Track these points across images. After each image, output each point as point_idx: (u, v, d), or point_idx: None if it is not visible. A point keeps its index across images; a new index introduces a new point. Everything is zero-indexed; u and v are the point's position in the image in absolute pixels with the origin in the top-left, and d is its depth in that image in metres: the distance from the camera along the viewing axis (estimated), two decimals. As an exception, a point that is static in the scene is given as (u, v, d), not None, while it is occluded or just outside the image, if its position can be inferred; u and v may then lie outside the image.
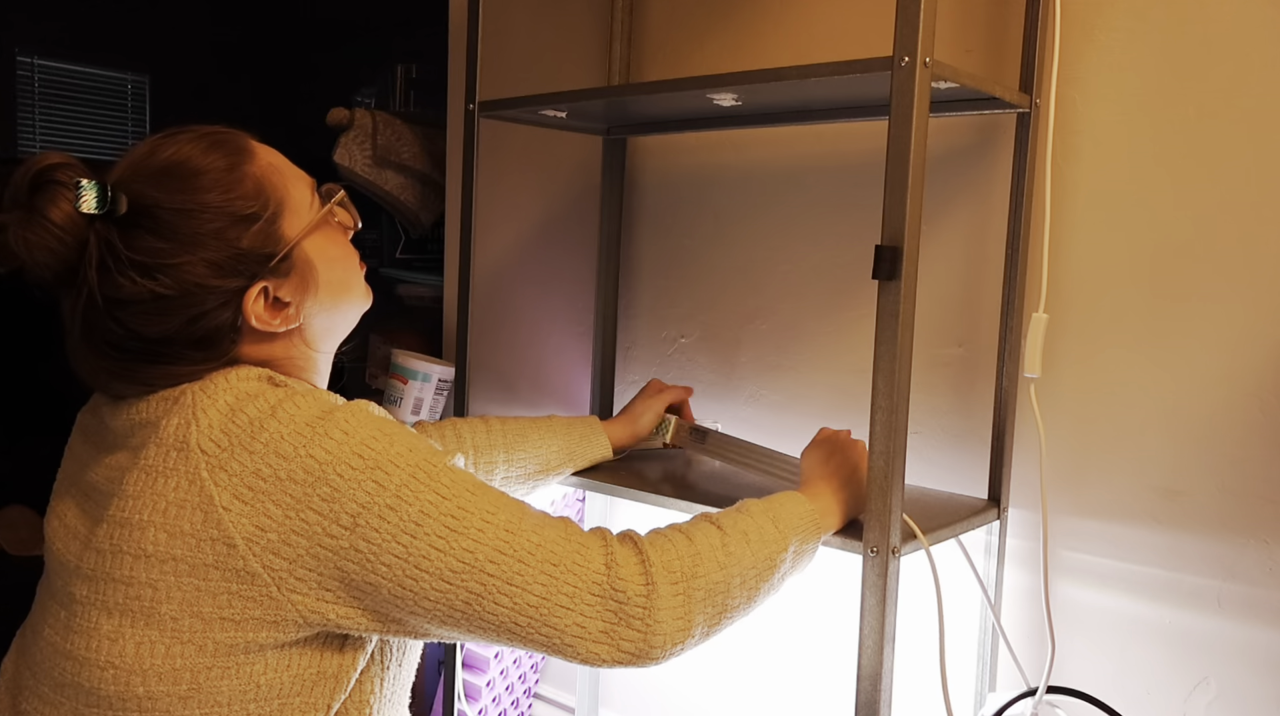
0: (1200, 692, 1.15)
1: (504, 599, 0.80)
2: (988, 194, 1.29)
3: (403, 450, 0.81)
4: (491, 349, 1.89)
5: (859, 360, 1.42)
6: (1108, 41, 1.19)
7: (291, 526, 0.78)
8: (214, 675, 0.79)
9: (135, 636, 0.78)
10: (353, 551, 0.78)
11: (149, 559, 0.78)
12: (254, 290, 0.87)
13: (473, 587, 0.80)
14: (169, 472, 0.79)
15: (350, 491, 0.78)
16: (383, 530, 0.79)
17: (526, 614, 0.81)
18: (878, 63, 0.97)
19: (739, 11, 1.51)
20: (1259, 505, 1.11)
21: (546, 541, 0.83)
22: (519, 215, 1.84)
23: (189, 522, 0.78)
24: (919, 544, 1.04)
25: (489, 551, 0.81)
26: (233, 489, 0.78)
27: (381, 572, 0.79)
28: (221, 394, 0.82)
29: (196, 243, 0.84)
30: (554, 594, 0.81)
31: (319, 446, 0.79)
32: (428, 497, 0.80)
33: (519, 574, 0.81)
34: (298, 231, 0.90)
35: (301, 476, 0.78)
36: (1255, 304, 1.10)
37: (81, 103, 4.13)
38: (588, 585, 0.82)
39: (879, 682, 0.97)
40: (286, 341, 0.92)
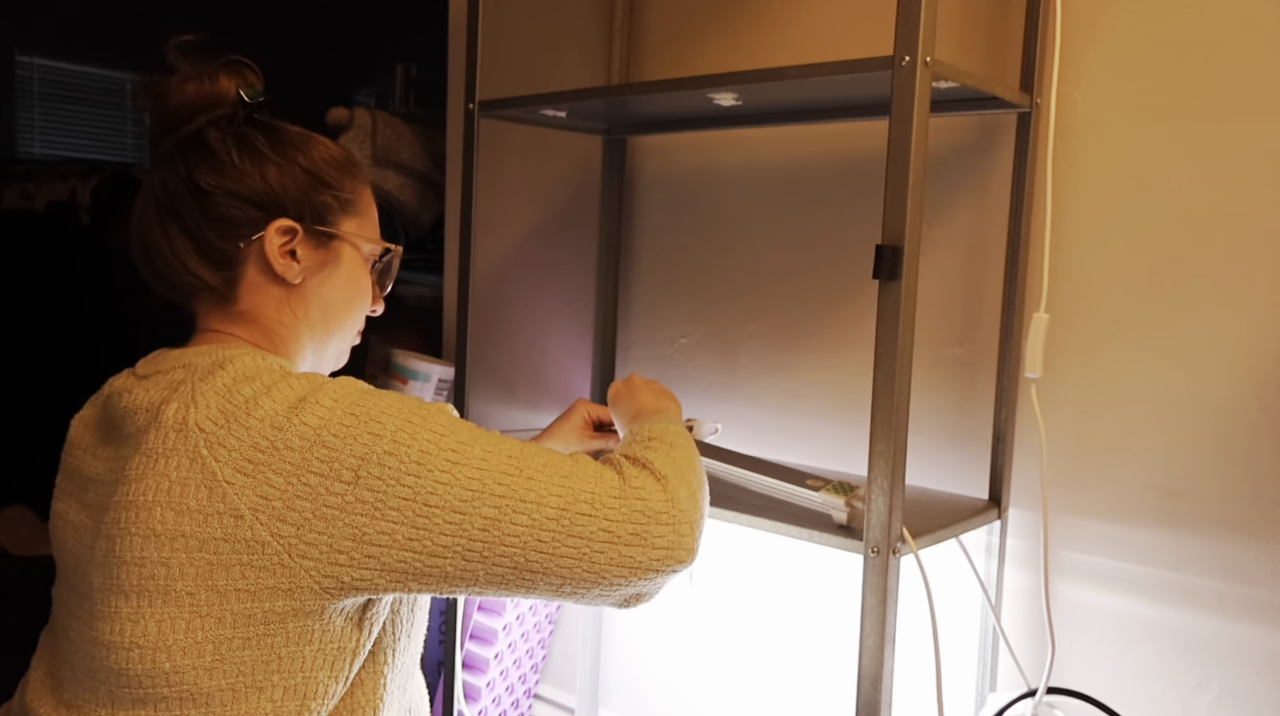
0: (1201, 693, 1.15)
1: (521, 516, 0.80)
2: (988, 194, 1.29)
3: (392, 401, 0.84)
4: (491, 349, 1.89)
5: (859, 360, 1.42)
6: (1108, 41, 1.19)
7: (294, 491, 0.79)
8: (235, 646, 0.80)
9: (155, 615, 0.80)
10: (359, 504, 0.79)
11: (158, 538, 0.80)
12: (287, 222, 0.93)
13: (487, 512, 0.80)
14: (169, 453, 0.81)
15: (347, 446, 0.80)
16: (385, 476, 0.80)
17: (548, 527, 0.80)
18: (878, 62, 0.97)
19: (739, 11, 1.51)
20: (1260, 505, 1.11)
21: (553, 461, 0.84)
22: (519, 215, 1.84)
23: (194, 499, 0.79)
24: (921, 543, 1.04)
25: (496, 475, 0.81)
26: (233, 463, 0.80)
27: (392, 517, 0.80)
28: (218, 378, 0.85)
29: (289, 161, 0.95)
30: (573, 502, 0.81)
31: (310, 413, 0.81)
32: (425, 437, 0.82)
33: (531, 489, 0.81)
34: (351, 233, 0.99)
35: (298, 443, 0.80)
36: (1256, 304, 1.10)
37: (81, 103, 4.13)
38: (606, 489, 0.83)
39: (879, 683, 0.97)
40: (284, 305, 0.96)
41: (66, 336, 2.84)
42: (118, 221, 0.98)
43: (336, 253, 0.98)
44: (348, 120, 1.95)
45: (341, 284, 0.99)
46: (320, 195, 0.96)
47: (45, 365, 2.85)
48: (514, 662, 1.73)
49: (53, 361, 2.84)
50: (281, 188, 0.94)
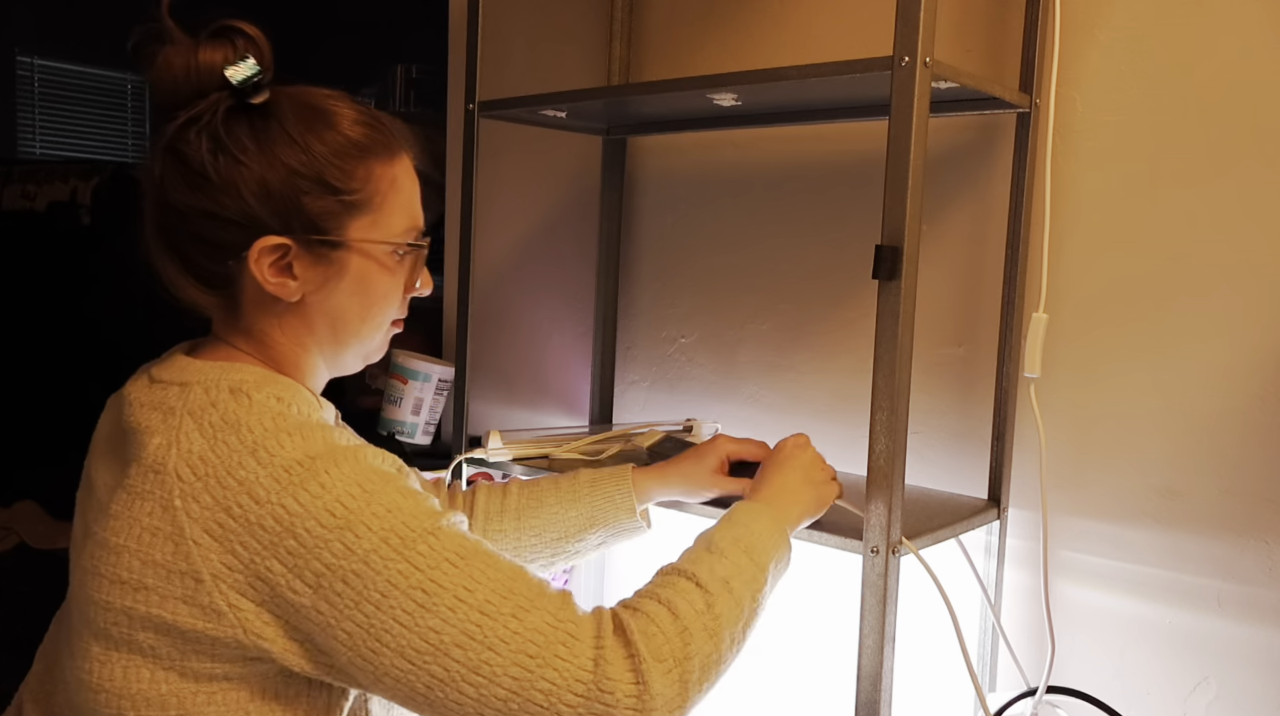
0: (1200, 692, 1.15)
1: (469, 688, 0.74)
2: (988, 194, 1.29)
3: (380, 510, 0.76)
4: (491, 349, 1.89)
5: (859, 360, 1.42)
6: (1108, 41, 1.19)
7: (256, 571, 0.75)
8: (199, 701, 0.77)
9: (121, 661, 0.77)
10: (314, 611, 0.75)
11: (124, 586, 0.76)
12: (275, 240, 0.83)
13: (436, 672, 0.74)
14: (146, 495, 0.77)
15: (316, 550, 0.74)
16: (345, 596, 0.74)
17: (494, 706, 0.74)
18: (878, 62, 0.97)
19: (739, 11, 1.51)
20: (1259, 505, 1.11)
21: (527, 628, 0.76)
22: (519, 215, 1.84)
23: (160, 552, 0.76)
24: (920, 542, 1.04)
25: (456, 634, 0.74)
26: (203, 522, 0.75)
27: (341, 640, 0.75)
28: (208, 417, 0.79)
29: (273, 163, 0.83)
30: (527, 689, 0.74)
31: (291, 497, 0.75)
32: (398, 567, 0.75)
33: (487, 663, 0.74)
34: (360, 238, 0.87)
35: (271, 524, 0.75)
36: (1256, 304, 1.10)
37: (81, 103, 4.13)
38: (569, 683, 0.75)
39: (879, 682, 0.97)
40: (287, 321, 0.88)
41: (66, 336, 2.84)
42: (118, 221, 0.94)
43: (341, 262, 0.87)
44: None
45: (351, 294, 0.88)
46: (316, 200, 0.84)
47: (45, 365, 2.85)
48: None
49: (52, 361, 2.84)
50: (264, 200, 0.83)
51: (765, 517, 0.95)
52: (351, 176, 0.86)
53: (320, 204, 0.84)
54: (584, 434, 1.52)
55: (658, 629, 0.80)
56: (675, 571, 0.88)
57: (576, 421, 1.76)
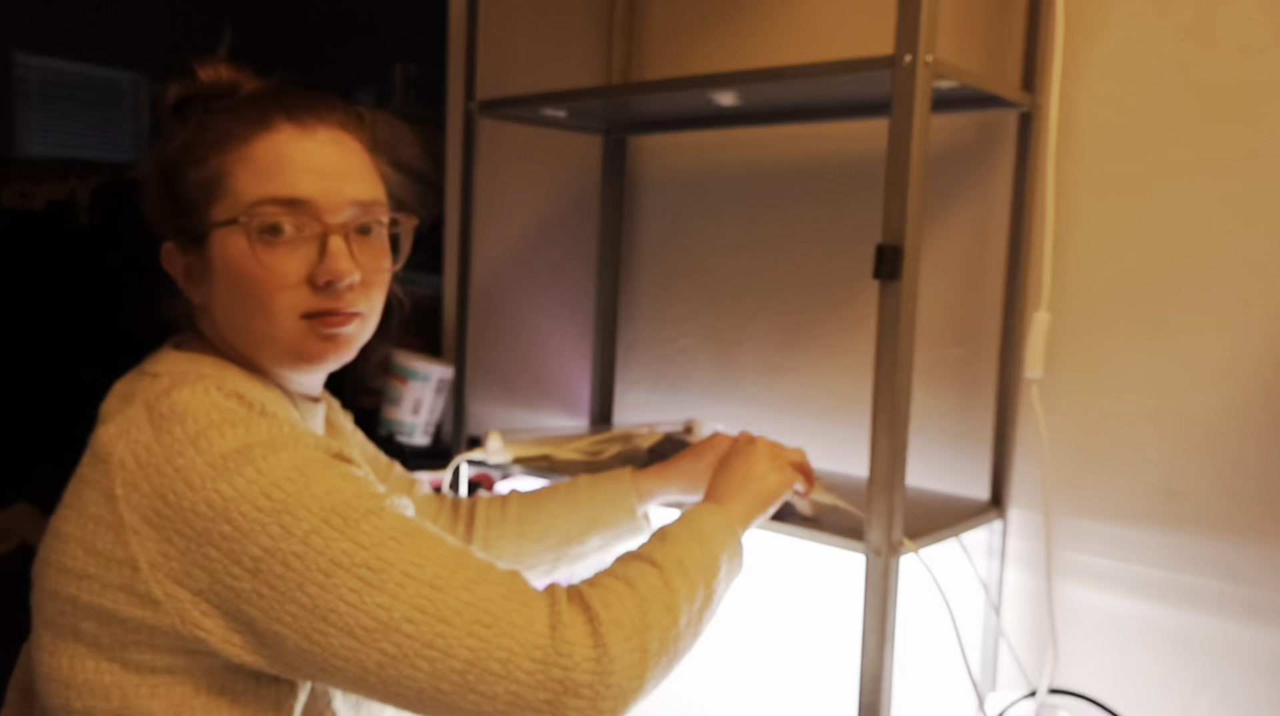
0: (1202, 694, 1.15)
1: (422, 662, 0.73)
2: (989, 193, 1.29)
3: (319, 492, 0.75)
4: (491, 349, 1.89)
5: (860, 360, 1.41)
6: (1110, 40, 1.18)
7: (193, 559, 0.73)
8: (142, 693, 0.76)
9: (67, 650, 0.76)
10: (255, 596, 0.73)
11: (68, 573, 0.76)
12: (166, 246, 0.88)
13: (386, 649, 0.72)
14: (92, 483, 0.77)
15: (253, 533, 0.73)
16: (287, 577, 0.72)
17: (449, 679, 0.73)
18: (879, 61, 0.97)
19: (739, 11, 1.51)
20: (1261, 506, 1.11)
21: (480, 599, 0.75)
22: (519, 215, 1.83)
23: (102, 541, 0.75)
24: (922, 543, 1.04)
25: (406, 609, 0.73)
26: (141, 511, 0.74)
27: (286, 622, 0.73)
28: (162, 403, 0.78)
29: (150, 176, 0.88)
30: (483, 659, 0.73)
31: (226, 482, 0.74)
32: (340, 546, 0.73)
33: (441, 636, 0.73)
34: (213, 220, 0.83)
35: (204, 510, 0.73)
36: (1257, 303, 1.10)
37: (81, 103, 4.13)
38: (526, 649, 0.74)
39: (880, 683, 0.97)
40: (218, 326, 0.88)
41: (64, 336, 2.84)
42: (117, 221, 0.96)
43: (208, 254, 0.84)
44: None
45: (221, 284, 0.84)
46: (180, 194, 0.84)
47: (42, 365, 2.85)
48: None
49: (50, 361, 2.84)
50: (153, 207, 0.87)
51: (715, 514, 0.94)
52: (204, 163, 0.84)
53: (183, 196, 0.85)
54: (584, 434, 1.52)
55: (616, 599, 0.79)
56: (630, 556, 0.88)
57: (576, 422, 1.76)
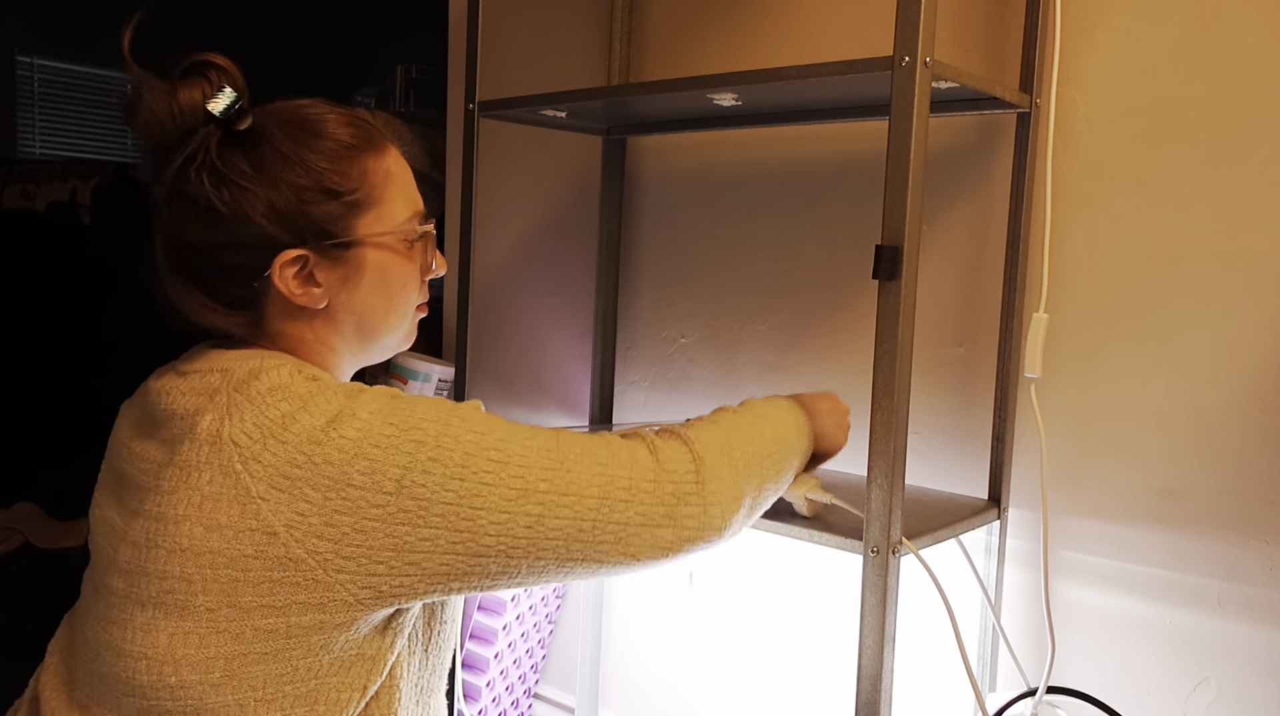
0: (1200, 693, 1.15)
1: (564, 510, 0.82)
2: (988, 194, 1.29)
3: (428, 408, 0.84)
4: (491, 349, 1.89)
5: (859, 360, 1.42)
6: (1108, 41, 1.19)
7: (333, 507, 0.78)
8: (250, 660, 0.79)
9: (169, 627, 0.79)
10: (402, 513, 0.79)
11: (184, 553, 0.79)
12: (293, 253, 0.88)
13: (530, 510, 0.81)
14: (202, 467, 0.80)
15: (390, 457, 0.79)
16: (429, 483, 0.79)
17: (588, 517, 0.82)
18: (878, 62, 0.97)
19: (739, 11, 1.51)
20: (1259, 505, 1.11)
21: (589, 449, 0.85)
22: (519, 215, 1.84)
23: (225, 515, 0.78)
24: (920, 543, 1.04)
25: (537, 471, 0.82)
26: (268, 479, 0.78)
27: (435, 524, 0.79)
28: (253, 386, 0.83)
29: (274, 183, 0.87)
30: (611, 490, 0.83)
31: (349, 426, 0.80)
32: (467, 438, 0.82)
33: (572, 482, 0.83)
34: (369, 233, 0.91)
35: (336, 457, 0.79)
36: (1255, 303, 1.10)
37: (81, 103, 4.13)
38: (641, 473, 0.85)
39: (879, 682, 0.97)
40: (316, 326, 0.93)
41: (66, 336, 2.84)
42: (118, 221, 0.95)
43: (358, 259, 0.91)
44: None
45: (373, 288, 0.93)
46: (323, 207, 0.88)
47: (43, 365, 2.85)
48: (514, 662, 1.73)
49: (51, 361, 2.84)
50: (274, 219, 0.87)
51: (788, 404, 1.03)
52: (348, 177, 0.89)
53: (325, 209, 0.88)
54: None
55: (703, 430, 0.91)
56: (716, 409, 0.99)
57: (576, 421, 1.76)
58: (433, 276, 0.99)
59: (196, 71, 0.87)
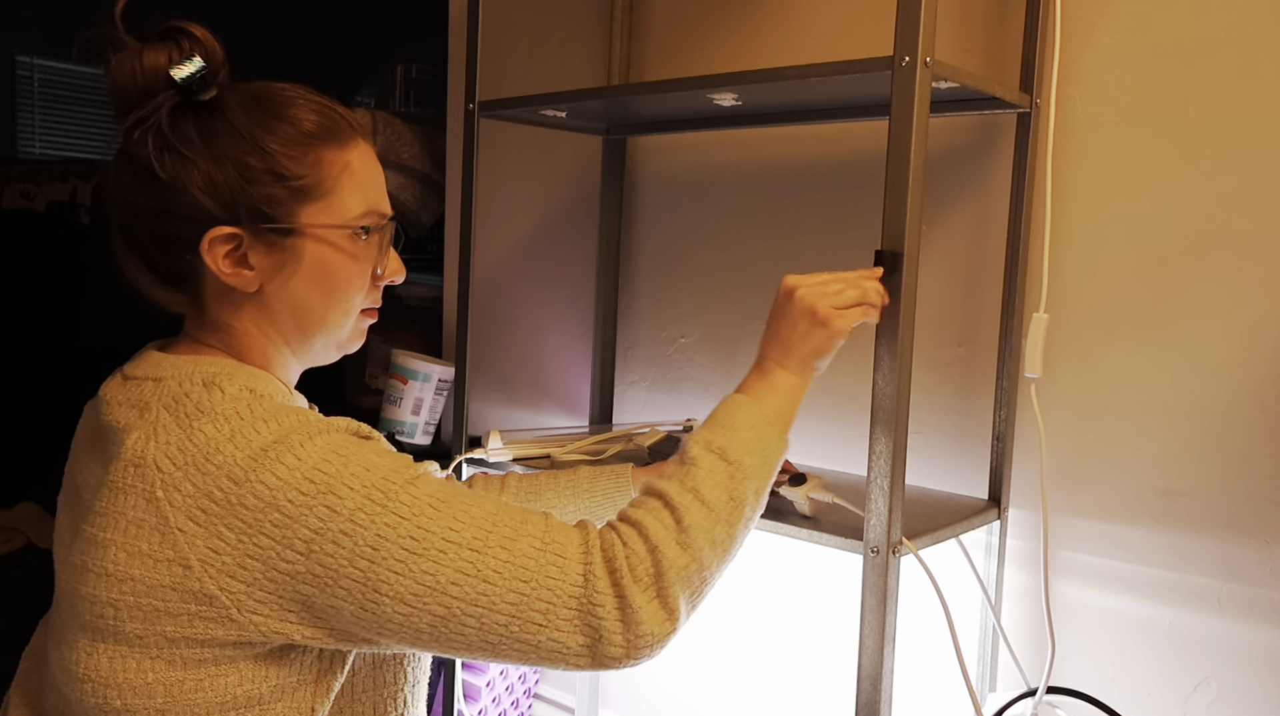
0: (1201, 693, 1.15)
1: (470, 621, 0.78)
2: (988, 194, 1.29)
3: (357, 471, 0.79)
4: (491, 349, 1.89)
5: (859, 360, 1.42)
6: (1108, 42, 1.19)
7: (245, 551, 0.76)
8: (187, 687, 0.78)
9: (108, 651, 0.78)
10: (309, 576, 0.77)
11: (109, 577, 0.78)
12: (225, 230, 0.84)
13: (435, 611, 0.77)
14: (129, 490, 0.78)
15: (302, 517, 0.76)
16: (338, 555, 0.76)
17: (497, 633, 0.78)
18: (878, 62, 0.97)
19: (739, 11, 1.51)
20: (1260, 505, 1.11)
21: (517, 556, 0.79)
22: (519, 215, 1.84)
23: (146, 543, 0.77)
24: (920, 543, 1.04)
25: (450, 573, 0.78)
26: (187, 510, 0.77)
27: (341, 596, 0.77)
28: (182, 407, 0.81)
29: (219, 158, 0.84)
30: (525, 611, 0.78)
31: (269, 472, 0.77)
32: (384, 520, 0.77)
33: (484, 595, 0.78)
34: (312, 223, 0.88)
35: (252, 502, 0.76)
36: (1255, 303, 1.10)
37: (81, 103, 4.13)
38: (563, 600, 0.79)
39: (879, 682, 0.97)
40: (252, 314, 0.89)
41: (65, 336, 2.84)
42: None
43: (296, 248, 0.87)
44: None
45: (310, 282, 0.89)
46: (265, 188, 0.85)
47: (44, 365, 2.85)
48: (514, 662, 1.73)
49: (51, 361, 2.84)
50: (211, 193, 0.84)
51: (746, 411, 0.93)
52: (299, 163, 0.86)
53: (268, 192, 0.85)
54: (584, 434, 1.52)
55: (630, 550, 0.82)
56: (648, 491, 0.89)
57: (576, 421, 1.76)
58: (387, 282, 0.95)
59: (168, 36, 0.85)
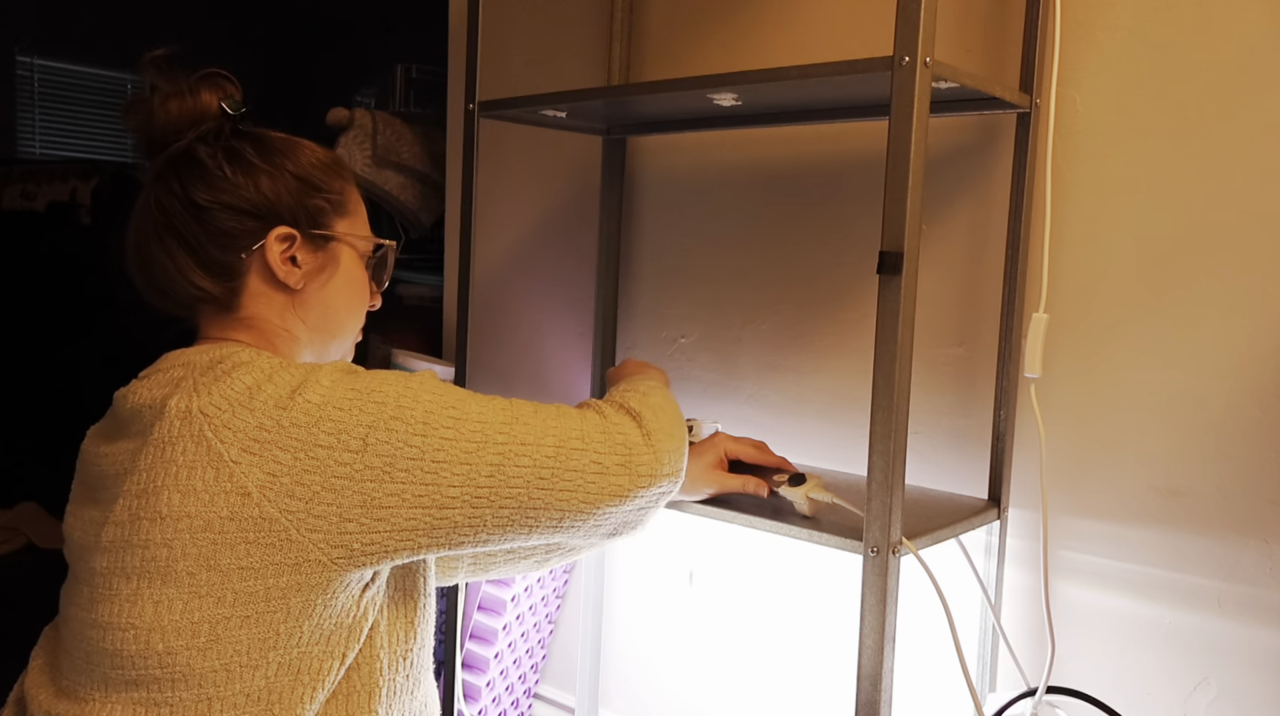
0: (1200, 693, 1.15)
1: (523, 458, 0.88)
2: (988, 194, 1.29)
3: (386, 374, 0.89)
4: (491, 349, 1.89)
5: (859, 360, 1.42)
6: (1108, 41, 1.19)
7: (302, 466, 0.82)
8: (233, 625, 0.82)
9: (153, 595, 0.82)
10: (368, 470, 0.83)
11: (164, 520, 0.82)
12: (284, 229, 0.96)
13: (491, 459, 0.87)
14: (176, 440, 0.83)
15: (353, 417, 0.84)
16: (393, 440, 0.84)
17: (547, 465, 0.88)
18: (878, 62, 0.97)
19: (739, 11, 1.51)
20: (1259, 505, 1.11)
21: (543, 409, 0.93)
22: (519, 215, 1.84)
23: (200, 480, 0.82)
24: (920, 543, 1.04)
25: (495, 425, 0.88)
26: (240, 443, 0.82)
27: (400, 478, 0.84)
28: (218, 370, 0.87)
29: (276, 168, 0.97)
30: (567, 438, 0.90)
31: (313, 392, 0.85)
32: (426, 398, 0.87)
33: (529, 432, 0.89)
34: (346, 233, 1.02)
35: (303, 419, 0.83)
36: (1255, 303, 1.10)
37: (81, 103, 4.13)
38: (592, 427, 0.92)
39: (879, 682, 0.97)
40: (284, 311, 0.99)
41: (67, 336, 2.84)
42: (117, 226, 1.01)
43: (334, 254, 1.01)
44: (348, 120, 1.96)
45: (342, 285, 1.02)
46: (313, 199, 0.99)
47: (46, 365, 2.85)
48: (514, 662, 1.73)
49: (53, 361, 2.84)
50: (276, 196, 0.97)
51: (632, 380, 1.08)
52: (332, 183, 1.01)
53: (317, 202, 0.99)
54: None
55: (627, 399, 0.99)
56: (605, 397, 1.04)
57: (576, 421, 1.76)
58: (370, 303, 1.07)
59: (214, 79, 0.99)
